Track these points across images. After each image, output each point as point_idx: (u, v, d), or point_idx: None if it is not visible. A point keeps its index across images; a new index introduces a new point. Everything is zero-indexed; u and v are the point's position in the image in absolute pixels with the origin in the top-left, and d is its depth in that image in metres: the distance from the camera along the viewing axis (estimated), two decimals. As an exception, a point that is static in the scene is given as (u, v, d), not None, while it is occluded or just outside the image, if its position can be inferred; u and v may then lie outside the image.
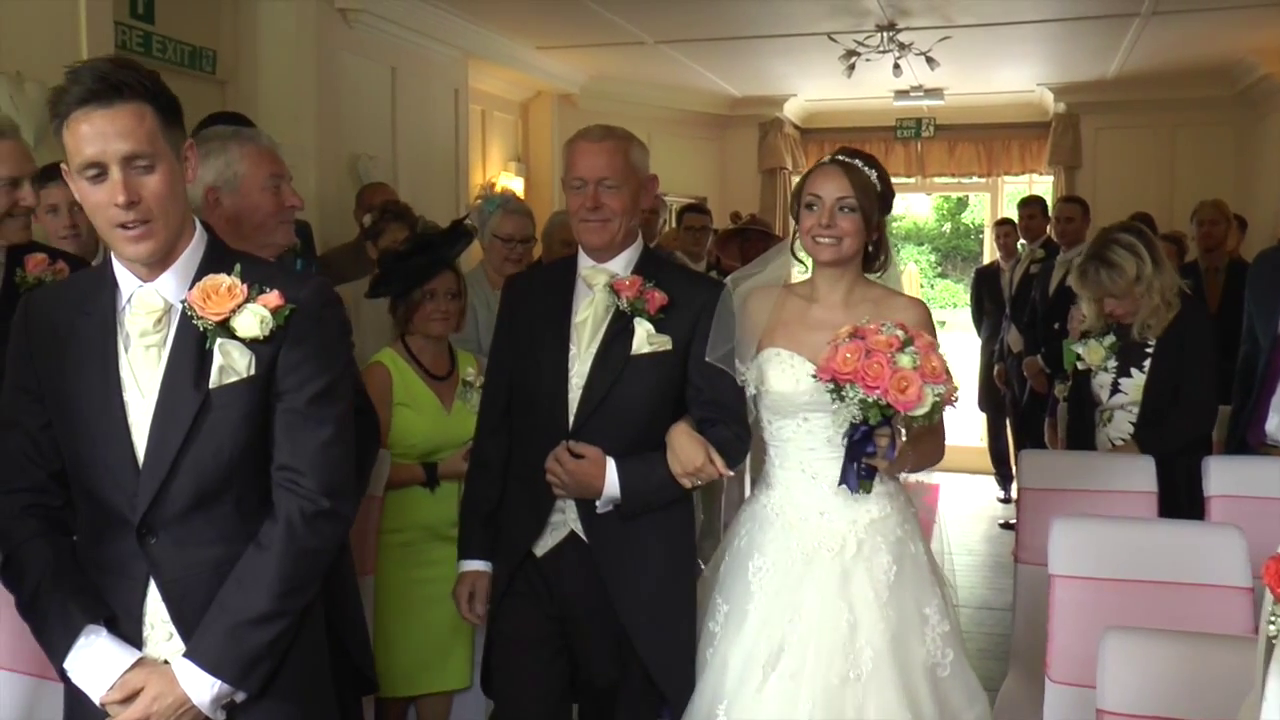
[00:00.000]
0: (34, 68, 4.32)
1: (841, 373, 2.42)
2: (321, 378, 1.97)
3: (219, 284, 1.90)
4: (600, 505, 2.65)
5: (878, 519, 2.63)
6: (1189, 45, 8.02)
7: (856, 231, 2.65)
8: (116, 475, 1.91)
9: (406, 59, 7.06)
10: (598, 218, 2.71)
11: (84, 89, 1.84)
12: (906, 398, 2.38)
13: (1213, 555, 2.67)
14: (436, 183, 7.37)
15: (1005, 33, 7.76)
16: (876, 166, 2.71)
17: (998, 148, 10.70)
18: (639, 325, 2.67)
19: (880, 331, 2.44)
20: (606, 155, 2.74)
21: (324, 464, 1.96)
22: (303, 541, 1.94)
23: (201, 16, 5.89)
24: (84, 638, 1.91)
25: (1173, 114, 9.45)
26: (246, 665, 1.90)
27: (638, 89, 9.70)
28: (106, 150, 1.84)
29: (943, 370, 2.43)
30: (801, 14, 7.26)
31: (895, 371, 2.38)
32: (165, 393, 1.91)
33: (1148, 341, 3.82)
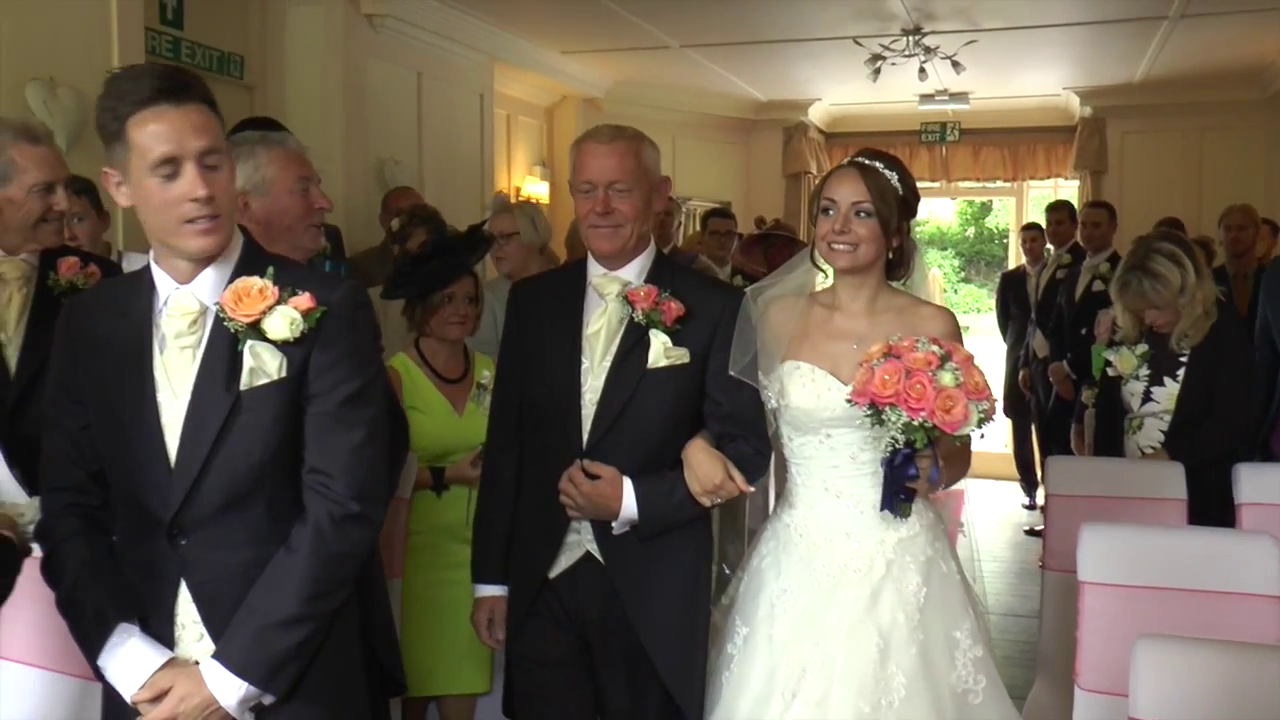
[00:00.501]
0: (67, 74, 4.38)
1: (882, 396, 2.30)
2: (353, 380, 1.98)
3: (251, 286, 1.92)
4: (617, 527, 2.56)
5: (906, 538, 2.52)
6: (1218, 48, 7.97)
7: (873, 237, 2.53)
8: (150, 476, 1.93)
9: (432, 64, 7.10)
10: (608, 223, 2.60)
11: (152, 87, 1.86)
12: (953, 418, 2.27)
13: (1244, 563, 2.65)
14: (462, 187, 7.41)
15: (1031, 36, 7.73)
16: (898, 169, 2.59)
17: (1023, 152, 10.66)
18: (655, 337, 2.56)
19: (916, 348, 2.32)
20: (617, 157, 2.62)
21: (354, 467, 1.96)
22: (331, 545, 1.94)
23: (230, 22, 5.94)
24: (116, 636, 1.93)
25: (1201, 118, 9.38)
26: (273, 668, 1.91)
27: (663, 93, 9.71)
28: (183, 146, 1.86)
29: (984, 385, 2.32)
30: (827, 18, 7.26)
31: (939, 391, 2.27)
32: (197, 394, 1.92)
33: (1182, 351, 3.79)
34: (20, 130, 2.95)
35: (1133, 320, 3.86)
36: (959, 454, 2.60)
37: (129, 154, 1.87)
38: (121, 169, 1.90)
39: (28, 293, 2.97)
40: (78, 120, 4.41)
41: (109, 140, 1.90)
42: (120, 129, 1.86)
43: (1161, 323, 3.78)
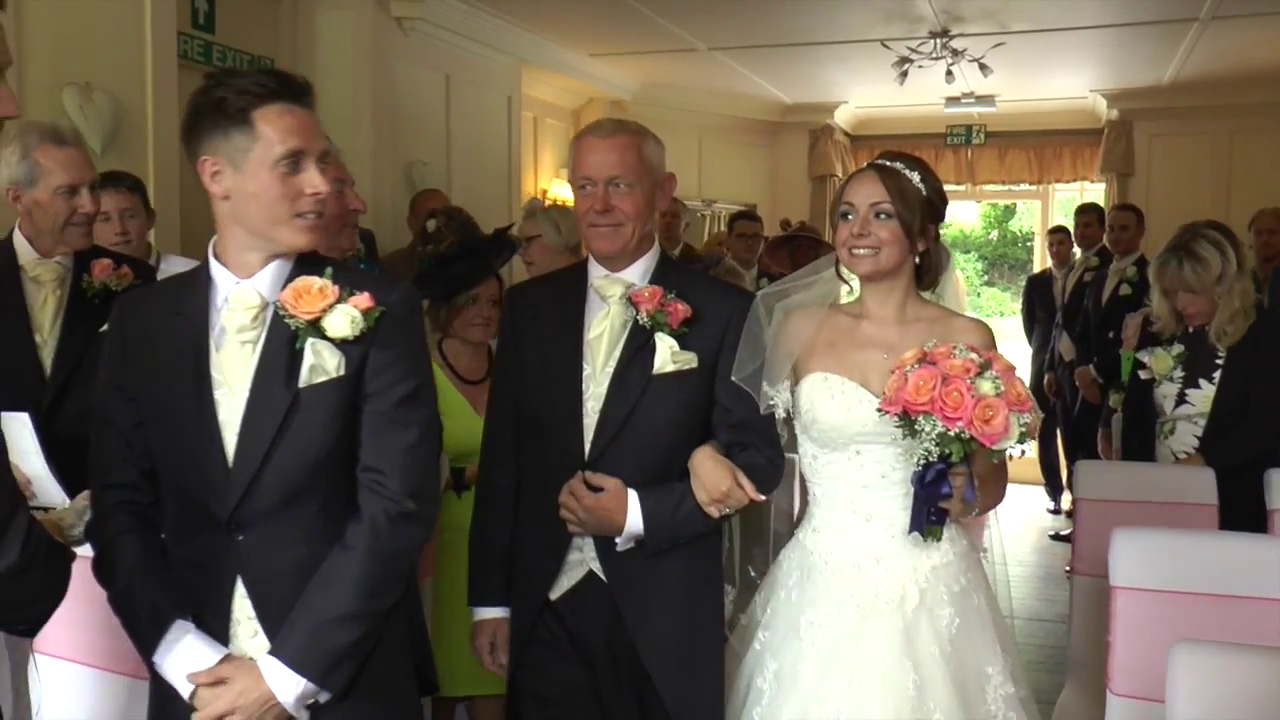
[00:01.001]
0: (101, 78, 4.43)
1: (915, 403, 2.13)
2: (408, 381, 2.00)
3: (311, 284, 1.94)
4: (621, 543, 2.41)
5: (939, 565, 2.37)
6: (1248, 50, 7.92)
7: (895, 240, 2.38)
8: (206, 472, 1.94)
9: (461, 66, 7.14)
10: (608, 222, 2.45)
11: (281, 84, 1.93)
12: (992, 429, 2.11)
13: (1277, 569, 2.64)
14: (489, 189, 7.44)
15: (1060, 38, 7.71)
16: (921, 169, 2.45)
17: (1049, 155, 10.62)
18: (660, 341, 2.42)
19: (953, 355, 2.16)
20: (618, 152, 2.47)
21: (408, 466, 1.98)
22: (387, 543, 1.96)
23: (261, 26, 5.99)
24: (173, 633, 1.95)
25: (1230, 120, 9.32)
26: (330, 664, 1.92)
27: (689, 95, 9.72)
28: (312, 145, 1.94)
29: (1026, 396, 2.16)
30: (855, 21, 7.26)
31: (979, 400, 2.11)
32: (256, 390, 1.94)
33: (1218, 352, 3.75)
34: (47, 133, 2.98)
35: (1169, 309, 3.80)
36: (995, 476, 2.45)
37: (252, 142, 1.90)
38: (230, 157, 1.92)
39: (62, 295, 3.02)
40: (113, 123, 4.46)
41: (224, 126, 1.91)
42: (245, 116, 1.90)
43: (1194, 311, 3.73)
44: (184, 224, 4.76)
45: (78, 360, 2.96)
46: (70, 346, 2.97)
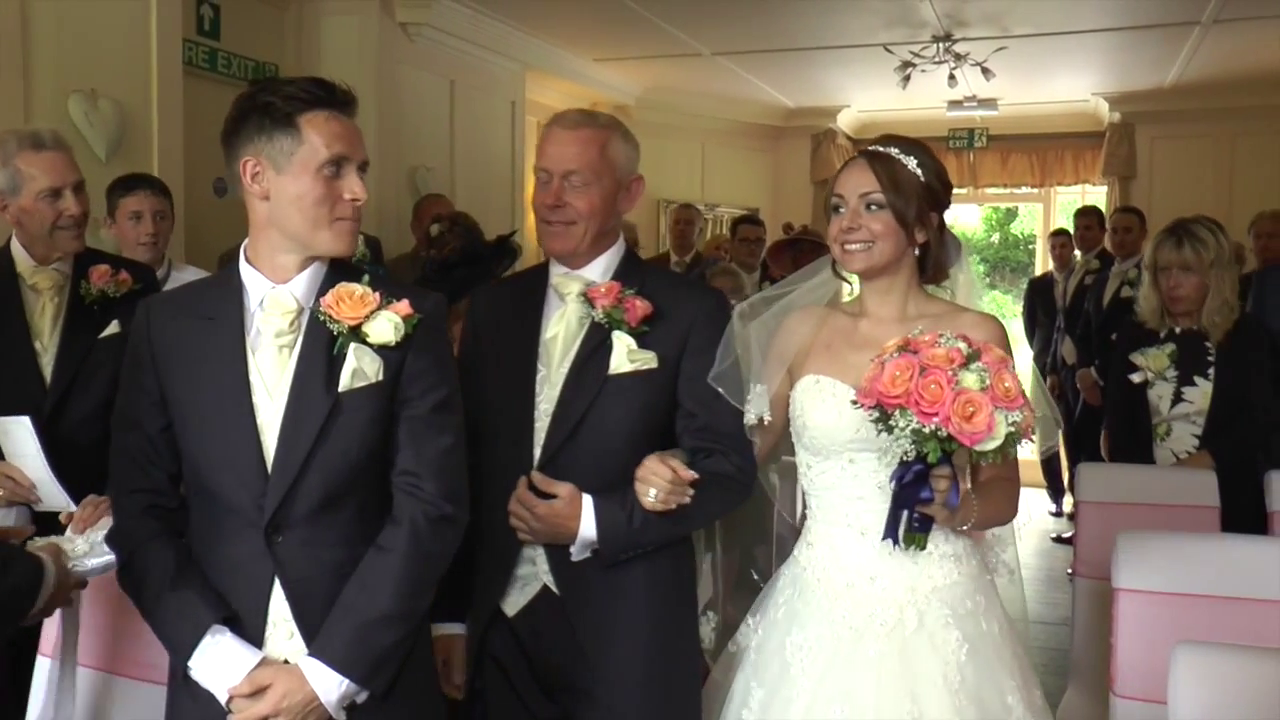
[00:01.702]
0: (107, 85, 4.46)
1: (889, 395, 1.93)
2: (443, 387, 2.04)
3: (352, 290, 1.97)
4: (576, 552, 2.25)
5: (942, 586, 2.18)
6: (1251, 53, 7.93)
7: (889, 232, 2.21)
8: (243, 476, 1.96)
9: (465, 72, 7.16)
10: (559, 219, 2.31)
11: (327, 92, 1.97)
12: (973, 427, 1.89)
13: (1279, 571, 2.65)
14: (493, 195, 7.46)
15: (1061, 42, 7.73)
16: (919, 152, 2.26)
17: (1051, 158, 10.63)
18: (618, 340, 2.27)
19: (938, 344, 1.96)
20: (578, 145, 2.32)
21: (444, 470, 2.01)
22: (427, 545, 1.98)
23: (265, 32, 6.03)
24: (210, 636, 1.94)
25: (1232, 123, 9.33)
26: (374, 665, 1.93)
27: (692, 100, 9.74)
28: (354, 152, 1.98)
29: (1018, 393, 1.93)
30: (858, 26, 7.28)
31: (958, 394, 1.90)
32: (296, 394, 1.96)
33: (1209, 351, 3.78)
34: (25, 139, 2.96)
35: (1157, 301, 3.85)
36: (1000, 485, 2.24)
37: (297, 145, 1.93)
38: (273, 159, 1.95)
39: (60, 302, 3.00)
40: (118, 130, 4.49)
41: (269, 129, 1.94)
42: (291, 120, 1.93)
43: (1184, 293, 3.76)
44: (188, 233, 4.79)
45: (78, 367, 2.96)
46: (70, 353, 2.97)
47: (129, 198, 3.90)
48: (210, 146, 5.48)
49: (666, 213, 10.27)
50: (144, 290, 3.05)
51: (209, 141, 6.00)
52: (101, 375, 2.94)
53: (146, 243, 3.88)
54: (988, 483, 2.23)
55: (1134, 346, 3.89)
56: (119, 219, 3.92)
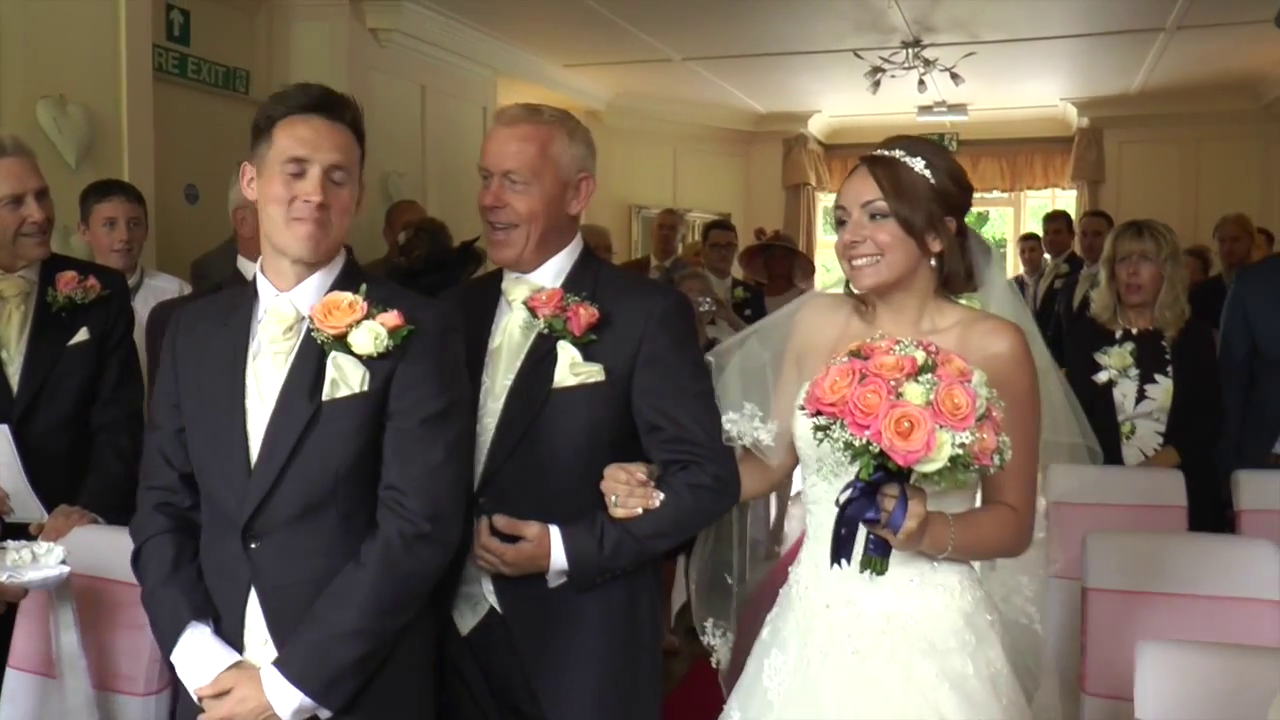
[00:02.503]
0: (76, 91, 4.43)
1: (825, 402, 1.76)
2: (437, 400, 1.98)
3: (341, 300, 1.96)
4: (552, 579, 2.14)
5: (923, 618, 1.98)
6: (1214, 59, 8.04)
7: (898, 243, 2.01)
8: (230, 478, 1.97)
9: (436, 77, 7.16)
10: (499, 220, 2.18)
11: (312, 98, 1.98)
12: (910, 445, 1.69)
13: (1246, 569, 2.68)
14: (465, 200, 7.37)
15: (1029, 48, 7.80)
16: (928, 153, 2.06)
17: (1021, 162, 10.74)
18: (562, 351, 2.14)
19: (893, 350, 1.78)
20: (516, 142, 2.18)
21: (430, 487, 1.96)
22: (399, 563, 1.93)
23: (235, 38, 5.99)
24: (189, 633, 1.96)
25: (1197, 128, 9.46)
26: (330, 681, 1.91)
27: (664, 106, 9.76)
28: (316, 152, 1.96)
29: (969, 411, 1.71)
30: (828, 31, 7.32)
31: (894, 406, 1.71)
32: (281, 401, 1.96)
33: (1165, 349, 3.86)
34: None
35: (1112, 296, 3.94)
36: (995, 512, 2.02)
37: (269, 150, 1.97)
38: (259, 165, 2.00)
39: (27, 310, 2.93)
40: (87, 136, 4.45)
41: (256, 137, 2.00)
42: (269, 127, 1.97)
43: (1141, 282, 3.85)
44: (159, 240, 4.76)
45: (45, 375, 2.92)
46: (37, 362, 2.92)
47: (103, 204, 3.88)
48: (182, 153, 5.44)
49: (638, 218, 10.31)
50: (113, 297, 3.02)
51: (180, 147, 5.95)
52: (70, 383, 2.91)
53: (120, 249, 3.85)
54: (975, 515, 2.00)
55: (1091, 346, 3.96)
56: (92, 225, 3.89)
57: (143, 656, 2.42)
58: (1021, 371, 1.99)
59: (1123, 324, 3.93)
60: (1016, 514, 2.02)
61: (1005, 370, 1.95)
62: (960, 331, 2.03)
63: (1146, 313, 3.89)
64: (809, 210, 11.02)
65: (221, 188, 3.96)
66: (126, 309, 3.09)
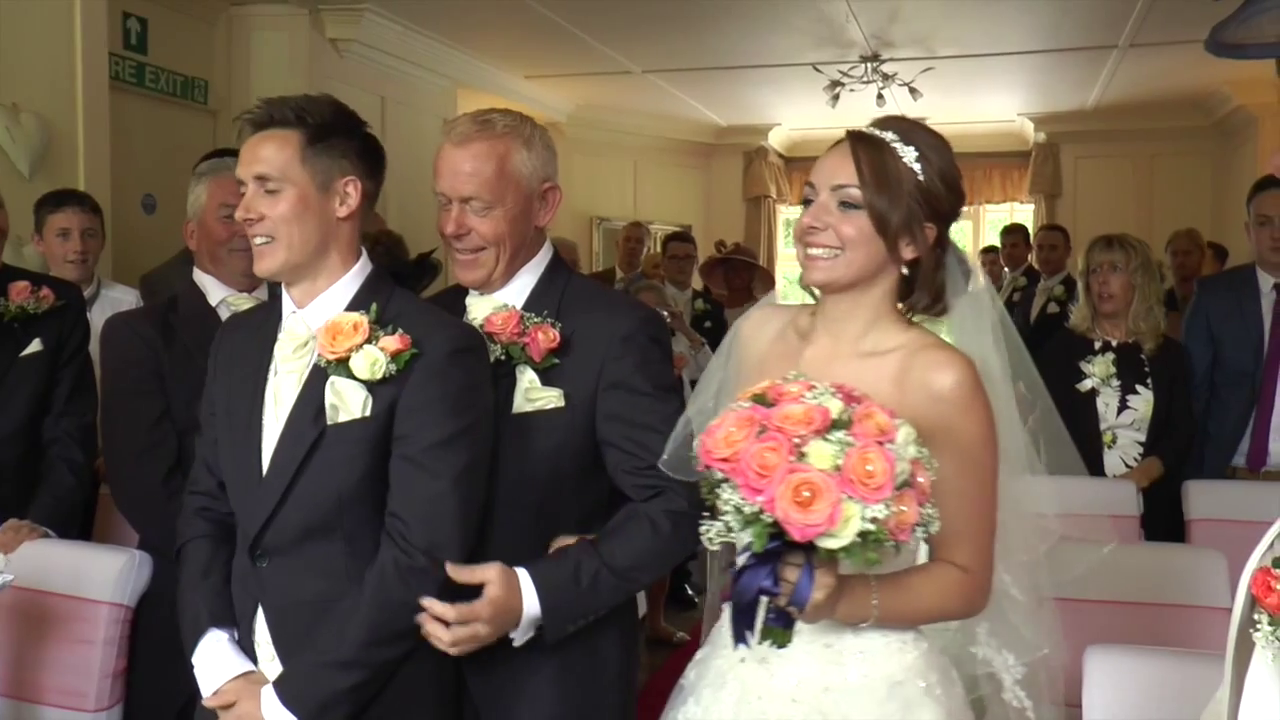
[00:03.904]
0: (30, 99, 4.39)
1: (716, 457, 1.47)
2: (443, 427, 1.88)
3: (346, 322, 1.90)
4: (519, 636, 1.92)
5: (836, 687, 1.69)
6: (1166, 77, 8.16)
7: (864, 240, 1.70)
8: (245, 493, 1.97)
9: (396, 88, 7.15)
10: (465, 247, 2.04)
11: (251, 118, 1.99)
12: (808, 518, 1.41)
13: (1195, 578, 2.72)
14: (425, 212, 7.35)
15: (986, 64, 7.90)
16: (922, 141, 1.76)
17: (979, 176, 10.83)
18: (520, 376, 2.01)
19: (804, 397, 1.48)
20: (472, 163, 2.02)
21: (431, 517, 1.88)
22: (393, 593, 1.87)
23: (194, 47, 5.96)
24: (207, 639, 1.98)
25: (1150, 144, 9.60)
26: (321, 707, 1.88)
27: (624, 118, 9.79)
28: (245, 170, 1.96)
29: (884, 479, 1.42)
30: (787, 45, 7.37)
31: (793, 469, 1.42)
32: (291, 421, 1.93)
33: (1143, 360, 3.92)
34: None
35: (1090, 306, 3.99)
36: (937, 572, 1.71)
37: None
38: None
39: None
40: (41, 145, 4.41)
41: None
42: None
43: (1114, 291, 3.91)
44: (116, 251, 4.72)
45: None
46: None
47: (57, 214, 3.84)
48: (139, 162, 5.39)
49: (599, 230, 10.31)
50: (68, 308, 2.99)
51: (137, 157, 5.89)
52: (22, 394, 2.87)
53: (74, 260, 3.81)
54: (909, 575, 1.71)
55: (1069, 356, 4.00)
56: (46, 236, 3.85)
57: (93, 672, 2.39)
58: (969, 414, 1.67)
59: (1101, 335, 3.98)
60: (966, 576, 1.70)
61: (949, 414, 1.66)
62: (902, 359, 1.71)
63: (1121, 323, 3.95)
64: (769, 222, 11.08)
65: (179, 198, 3.92)
66: (82, 321, 3.06)
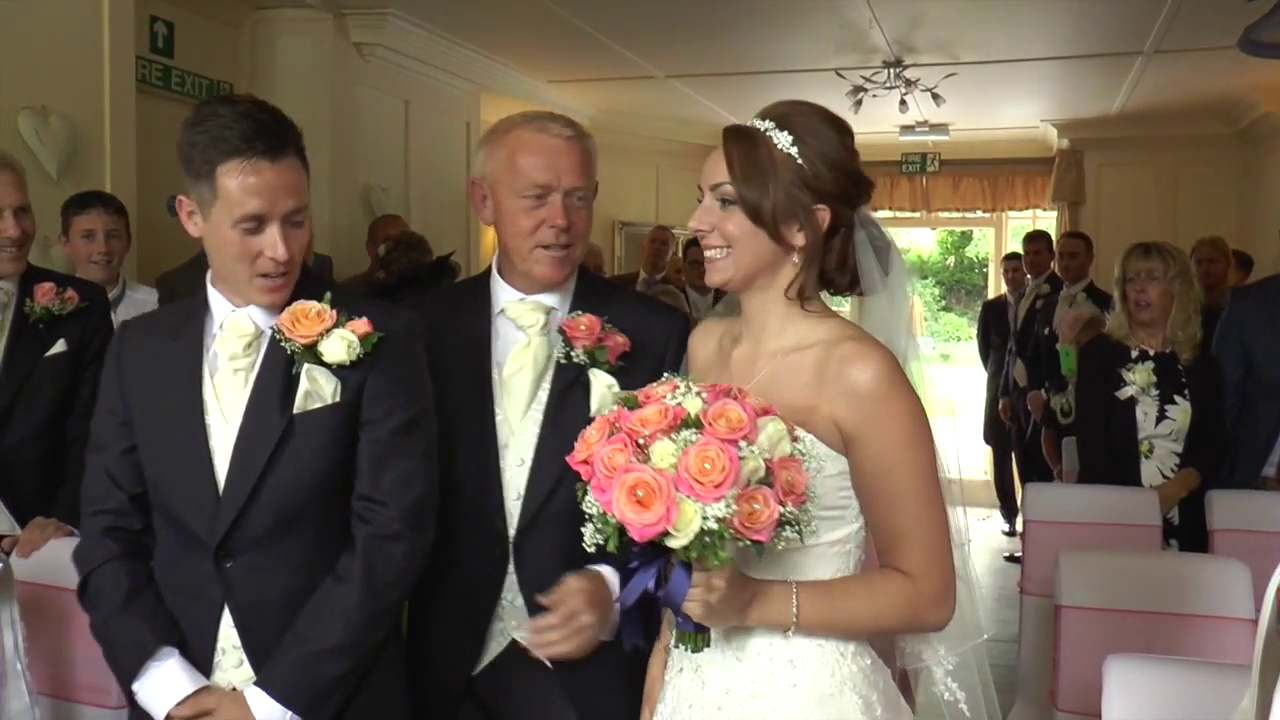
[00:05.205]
0: (58, 102, 4.42)
1: (577, 459, 1.50)
2: (408, 409, 1.94)
3: (309, 309, 1.90)
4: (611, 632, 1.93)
5: (762, 695, 1.64)
6: (1191, 83, 8.11)
7: (746, 234, 1.67)
8: (196, 498, 1.91)
9: (420, 92, 7.17)
10: (564, 242, 2.00)
11: (250, 136, 1.82)
12: (642, 517, 1.39)
13: (1217, 588, 2.71)
14: (448, 215, 7.46)
15: (1010, 70, 7.85)
16: (802, 126, 1.71)
17: (1002, 183, 10.78)
18: (596, 379, 2.00)
19: (668, 397, 1.48)
20: (579, 156, 2.01)
21: (403, 495, 1.92)
22: (381, 574, 1.90)
23: (219, 51, 6.01)
24: (154, 660, 1.90)
25: (1175, 151, 9.52)
26: (318, 697, 1.88)
27: (646, 122, 9.79)
28: (275, 207, 1.84)
29: (722, 476, 1.39)
30: (810, 51, 7.36)
31: (629, 469, 1.41)
32: (250, 417, 1.90)
33: (1180, 372, 3.91)
34: None
35: (1126, 315, 3.97)
36: (879, 579, 1.64)
37: (214, 198, 1.85)
38: (200, 205, 1.88)
39: (4, 320, 2.96)
40: (69, 148, 4.45)
41: (194, 175, 1.86)
42: (210, 171, 1.83)
43: (1151, 299, 3.89)
44: (141, 252, 4.75)
45: (20, 386, 2.93)
46: (13, 373, 2.93)
47: (82, 216, 3.88)
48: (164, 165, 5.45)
49: (621, 234, 10.32)
50: (91, 309, 3.03)
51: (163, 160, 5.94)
52: (46, 394, 2.92)
53: (99, 261, 3.85)
54: (859, 575, 1.67)
55: (1108, 362, 3.97)
56: (72, 237, 3.90)
57: (115, 669, 2.41)
58: (888, 409, 1.60)
59: (1137, 344, 3.95)
60: (910, 582, 1.61)
61: (868, 409, 1.60)
62: (820, 353, 1.66)
63: (1158, 332, 3.93)
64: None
65: (203, 200, 3.96)
66: (106, 322, 3.10)
